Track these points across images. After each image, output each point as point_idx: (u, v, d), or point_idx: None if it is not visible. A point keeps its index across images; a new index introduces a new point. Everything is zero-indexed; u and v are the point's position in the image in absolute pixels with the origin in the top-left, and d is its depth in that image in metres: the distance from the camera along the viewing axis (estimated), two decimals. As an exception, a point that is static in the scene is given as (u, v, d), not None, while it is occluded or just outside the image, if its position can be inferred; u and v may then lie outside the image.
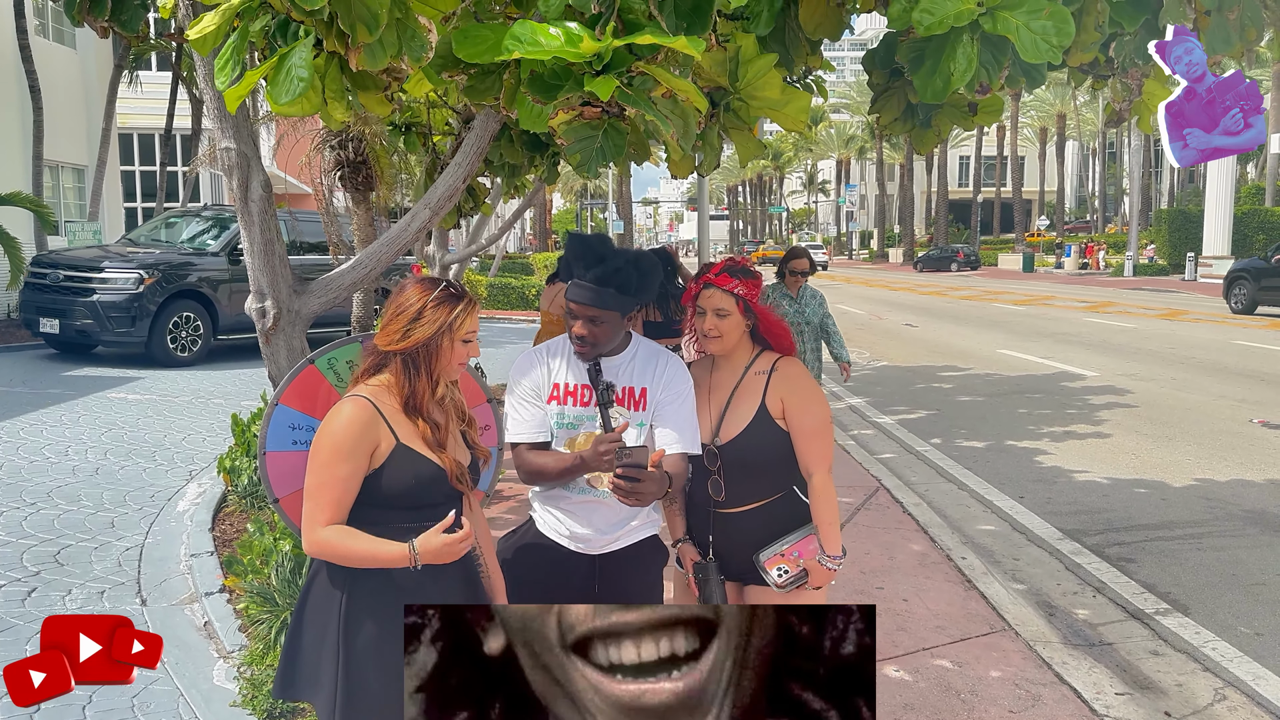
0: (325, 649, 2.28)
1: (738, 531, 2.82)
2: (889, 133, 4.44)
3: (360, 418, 2.24)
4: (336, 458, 2.22)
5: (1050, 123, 61.27)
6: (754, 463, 2.79)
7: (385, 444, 2.26)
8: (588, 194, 68.16)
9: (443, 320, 2.27)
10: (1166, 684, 4.26)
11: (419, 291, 2.30)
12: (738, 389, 2.83)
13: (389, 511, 2.27)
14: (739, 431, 2.79)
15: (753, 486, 2.81)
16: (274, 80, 2.60)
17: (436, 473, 2.29)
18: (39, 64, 16.08)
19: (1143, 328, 19.48)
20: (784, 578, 2.77)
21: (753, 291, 2.80)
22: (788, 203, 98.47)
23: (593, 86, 2.25)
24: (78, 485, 6.57)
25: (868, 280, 42.39)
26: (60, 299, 11.72)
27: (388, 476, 2.25)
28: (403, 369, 2.30)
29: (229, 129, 4.11)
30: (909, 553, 5.79)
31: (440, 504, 2.32)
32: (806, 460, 2.80)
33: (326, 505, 2.22)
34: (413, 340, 2.27)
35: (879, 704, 3.91)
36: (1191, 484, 7.49)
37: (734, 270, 2.81)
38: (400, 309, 2.30)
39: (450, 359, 2.32)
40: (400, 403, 2.29)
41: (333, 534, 2.21)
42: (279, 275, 4.17)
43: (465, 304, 2.32)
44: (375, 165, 5.98)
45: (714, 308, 2.78)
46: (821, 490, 2.78)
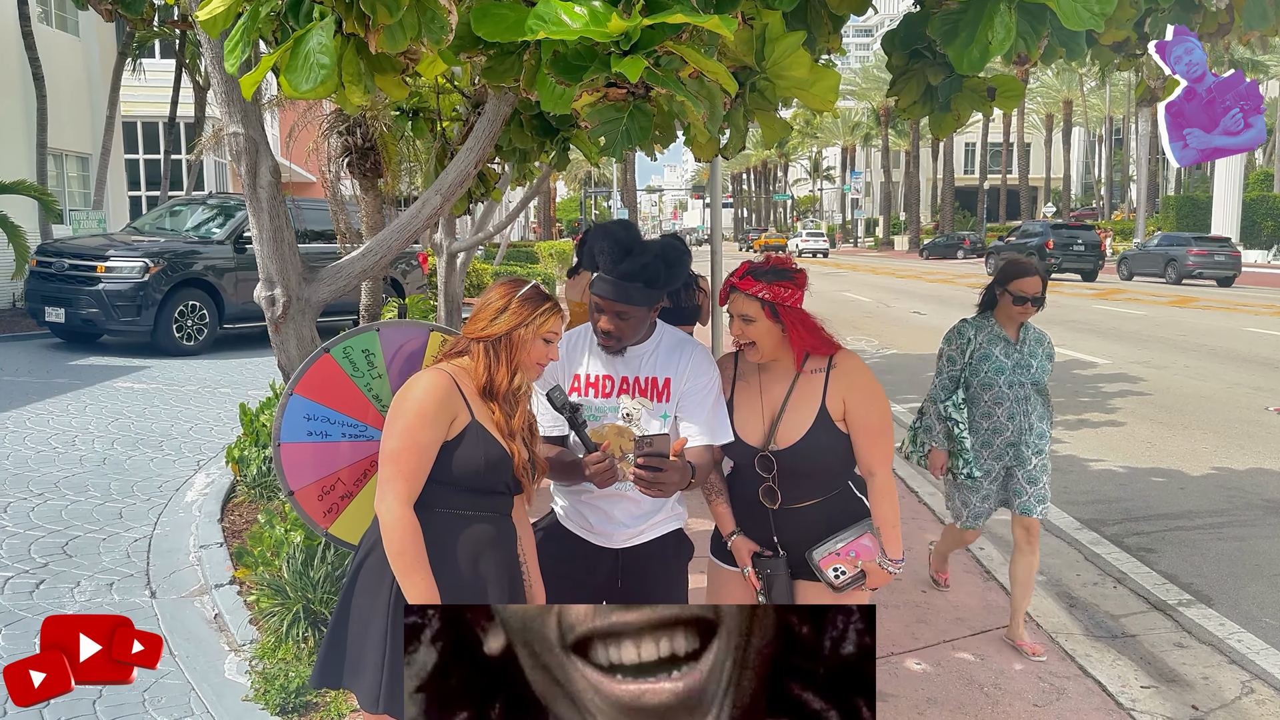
0: (371, 633, 2.26)
1: (792, 528, 2.69)
2: (906, 116, 4.34)
3: (442, 384, 2.27)
4: (422, 422, 2.22)
5: (1057, 109, 60.97)
6: (812, 468, 2.66)
7: (462, 418, 2.28)
8: (592, 182, 67.94)
9: (527, 314, 2.34)
10: (1192, 677, 4.19)
11: (507, 289, 2.38)
12: (794, 390, 2.65)
13: (452, 491, 2.26)
14: (798, 438, 2.62)
15: (809, 487, 2.68)
16: (291, 66, 2.52)
17: (504, 457, 2.30)
18: (42, 51, 15.99)
19: (1153, 314, 19.38)
20: (841, 579, 2.64)
21: (782, 294, 2.55)
22: (793, 190, 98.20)
23: (621, 67, 2.16)
24: (85, 475, 6.52)
25: (874, 268, 42.24)
26: (65, 288, 11.67)
27: (460, 452, 2.26)
28: (484, 354, 2.34)
29: (237, 113, 4.03)
30: (926, 544, 5.71)
31: (502, 493, 2.33)
32: (869, 459, 2.67)
33: (406, 473, 2.21)
34: (496, 329, 2.32)
35: (901, 698, 3.87)
36: (1210, 473, 7.41)
37: (758, 272, 2.57)
38: (486, 303, 2.38)
39: (530, 353, 2.34)
40: (479, 387, 2.32)
41: (406, 520, 2.18)
42: (289, 263, 4.09)
43: (551, 305, 2.37)
44: (383, 152, 5.90)
45: (739, 313, 2.60)
46: (884, 490, 2.66)
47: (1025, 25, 2.35)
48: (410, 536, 2.17)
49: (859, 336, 15.77)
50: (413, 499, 2.21)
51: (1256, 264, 35.84)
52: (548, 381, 2.60)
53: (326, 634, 2.37)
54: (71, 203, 18.25)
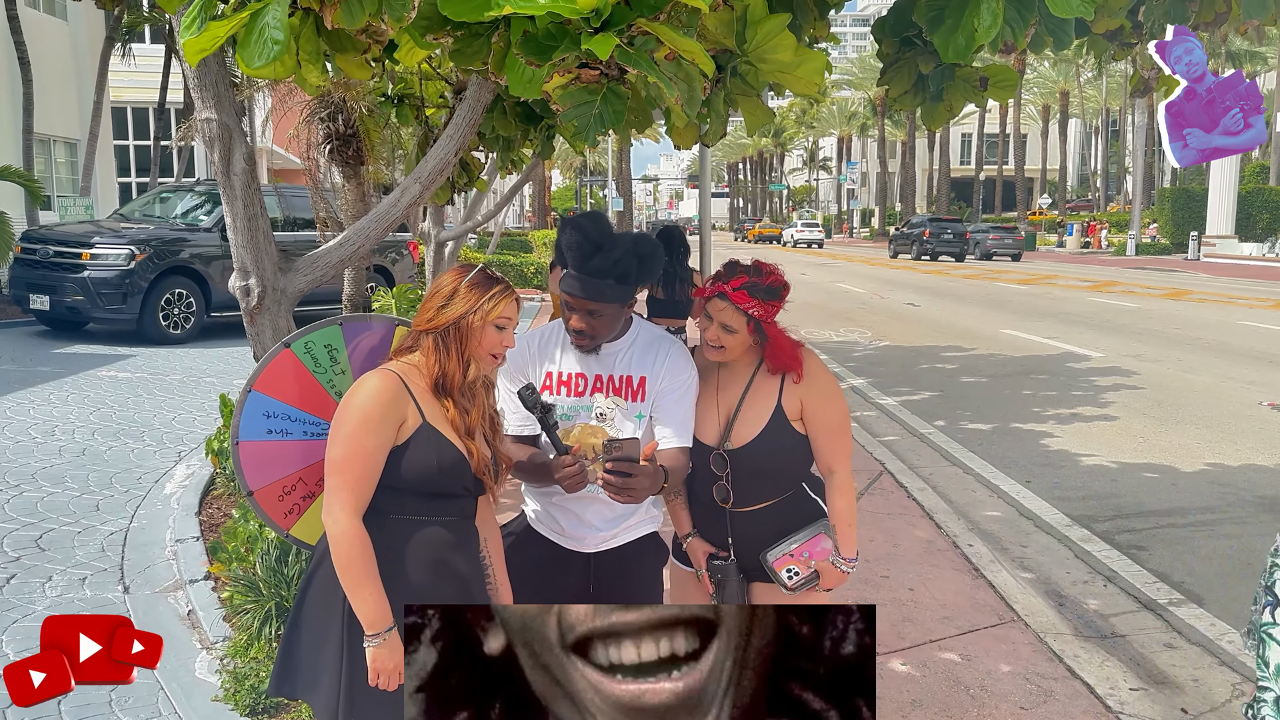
0: (327, 647, 2.16)
1: (748, 530, 2.63)
2: (898, 107, 4.25)
3: (388, 387, 2.16)
4: (364, 428, 2.11)
5: (1053, 100, 60.85)
6: (766, 468, 2.61)
7: (411, 420, 2.17)
8: (587, 171, 67.73)
9: (475, 300, 2.22)
10: (1182, 679, 4.11)
11: (455, 275, 2.26)
12: (750, 389, 2.61)
13: (406, 497, 2.16)
14: (753, 437, 2.57)
15: (763, 488, 2.63)
16: (245, 41, 2.41)
17: (460, 460, 2.19)
18: (28, 35, 15.81)
19: (1147, 307, 19.31)
20: (794, 579, 2.60)
21: (770, 312, 2.53)
22: (789, 180, 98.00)
23: (590, 45, 2.07)
24: (63, 467, 6.42)
25: (868, 259, 42.13)
26: (51, 275, 11.55)
27: (410, 456, 2.15)
28: (434, 348, 2.23)
29: (209, 99, 3.91)
30: (914, 540, 5.65)
31: (461, 496, 2.22)
32: (827, 458, 2.62)
33: (351, 482, 2.10)
34: (444, 318, 2.21)
35: (885, 700, 3.79)
36: (1202, 468, 7.34)
37: (755, 289, 2.51)
38: (434, 292, 2.27)
39: (481, 342, 2.23)
40: (429, 383, 2.21)
41: (354, 532, 2.07)
42: (263, 252, 4.00)
43: (501, 289, 2.25)
44: (365, 139, 5.78)
45: (722, 321, 2.53)
46: (842, 487, 2.61)
47: (1013, 12, 2.26)
48: (356, 550, 2.06)
49: (852, 328, 15.68)
50: (360, 510, 2.11)
51: (1252, 257, 35.80)
52: (518, 379, 2.50)
53: (282, 640, 2.27)
54: (60, 189, 18.09)
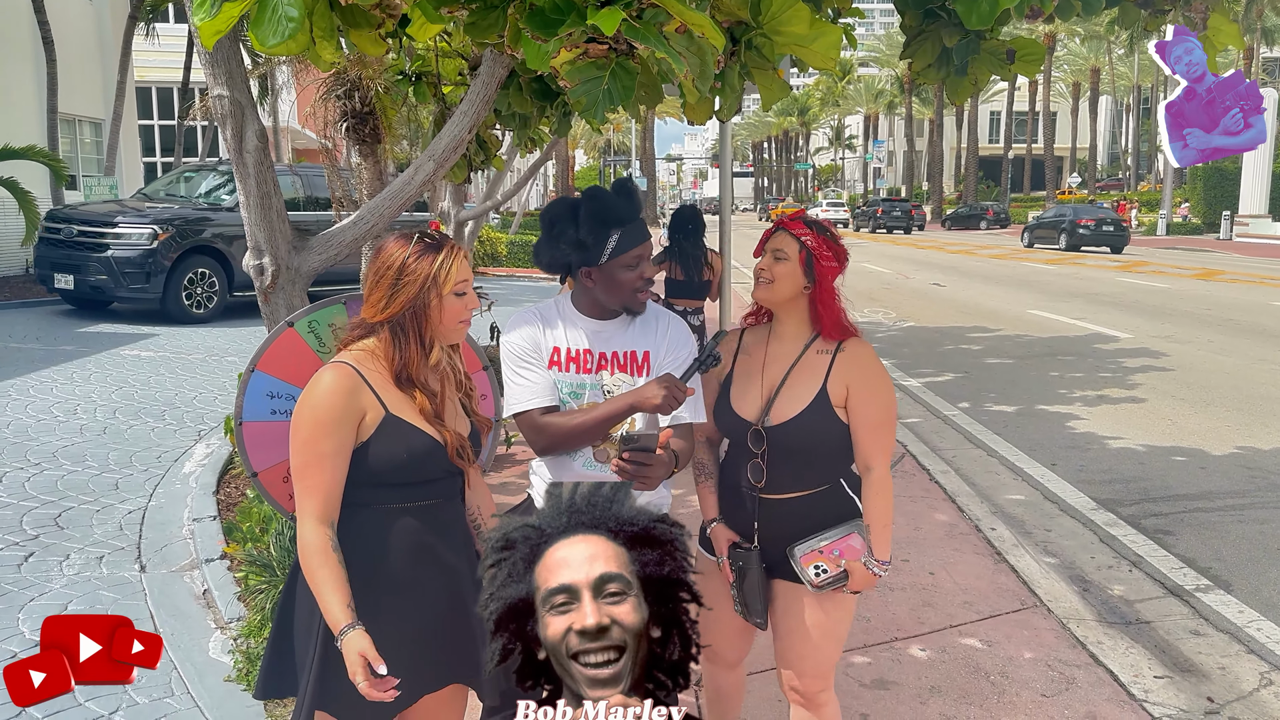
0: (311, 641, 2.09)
1: (777, 520, 2.54)
2: (921, 81, 4.14)
3: (342, 385, 2.02)
4: (319, 432, 1.99)
5: (1083, 77, 59.92)
6: (804, 451, 2.50)
7: (372, 414, 2.04)
8: (611, 150, 67.44)
9: (426, 273, 2.04)
10: (1209, 666, 4.03)
11: (395, 247, 2.07)
12: (796, 366, 2.51)
13: (380, 489, 2.05)
14: (792, 415, 2.47)
15: (798, 475, 2.53)
16: (259, 19, 2.36)
17: (432, 446, 2.07)
18: (52, 15, 15.83)
19: (1177, 288, 19.02)
20: (822, 578, 2.48)
21: (824, 251, 2.47)
22: (814, 159, 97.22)
23: (596, 20, 2.00)
24: (84, 445, 6.45)
25: (894, 239, 41.78)
26: (75, 254, 11.60)
27: (376, 451, 2.03)
28: (391, 337, 2.08)
29: (221, 75, 3.88)
30: (935, 523, 5.57)
31: (438, 479, 2.11)
32: (866, 453, 2.50)
33: (314, 489, 2.00)
34: (400, 304, 2.05)
35: (903, 685, 3.74)
36: (1232, 452, 7.21)
37: (811, 221, 2.52)
38: (380, 273, 2.07)
39: (442, 317, 2.08)
40: (390, 373, 2.08)
41: (318, 542, 1.98)
42: (277, 230, 3.97)
43: (449, 250, 2.08)
44: (381, 116, 5.73)
45: (774, 248, 2.49)
46: (880, 486, 2.49)
47: (1040, -24, 2.16)
48: (319, 559, 1.97)
49: (876, 308, 15.53)
50: (328, 516, 2.01)
51: (1286, 236, 35.13)
52: (530, 357, 2.44)
53: (269, 642, 2.21)
54: (85, 169, 18.17)
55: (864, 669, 3.83)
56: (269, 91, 20.59)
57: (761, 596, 2.54)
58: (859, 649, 3.98)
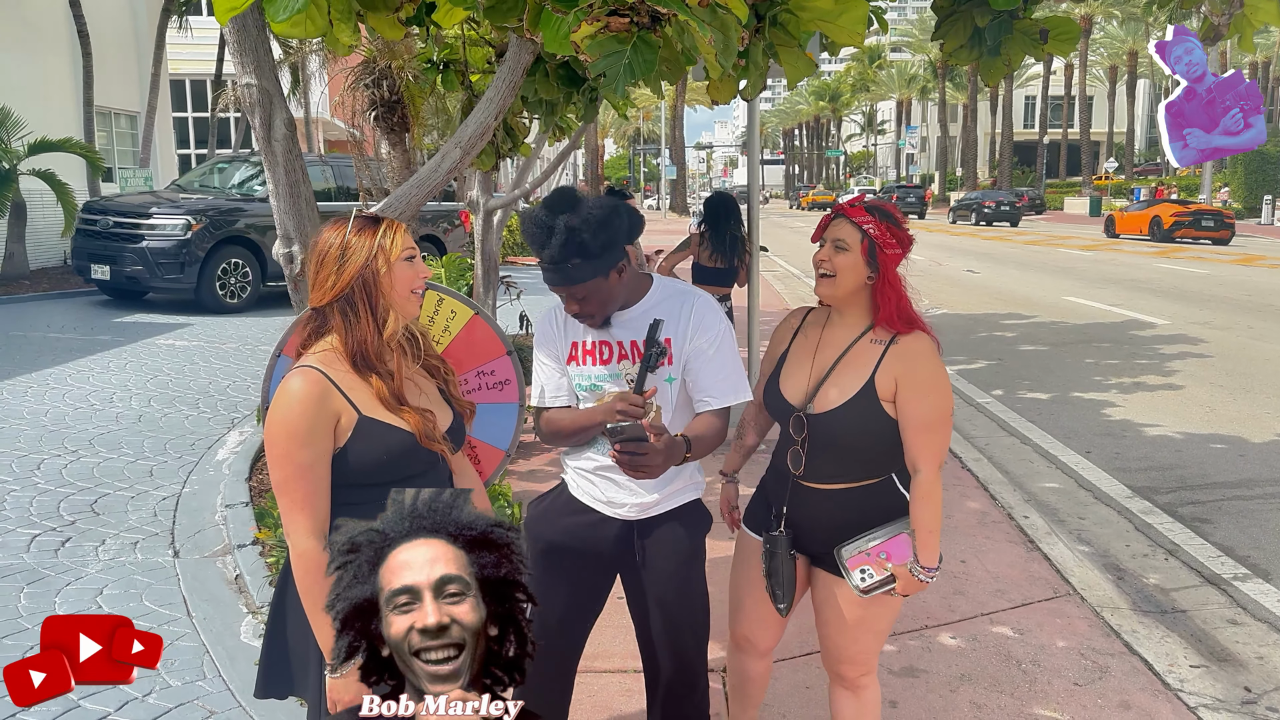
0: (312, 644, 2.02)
1: (816, 509, 2.47)
2: (954, 62, 4.09)
3: (311, 392, 1.96)
4: (294, 444, 1.94)
5: (1120, 61, 58.89)
6: (846, 443, 2.41)
7: (346, 418, 1.98)
8: (640, 139, 67.32)
9: (370, 244, 2.00)
10: (1246, 656, 3.96)
11: (332, 230, 2.04)
12: (847, 354, 2.40)
13: (365, 490, 1.97)
14: (834, 406, 2.38)
15: (840, 467, 2.44)
16: (271, -3, 2.37)
17: (409, 441, 2.02)
18: (87, 9, 16.02)
19: (1216, 274, 18.70)
20: (868, 582, 2.41)
21: (887, 238, 2.36)
22: (846, 146, 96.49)
23: (617, -12, 1.99)
24: (120, 433, 6.54)
25: (927, 225, 41.39)
26: (110, 245, 11.77)
27: (355, 455, 1.99)
28: (341, 318, 2.01)
29: (249, 64, 3.89)
30: (967, 511, 5.51)
31: (423, 473, 2.06)
32: (914, 454, 2.37)
33: (299, 501, 1.94)
34: (348, 276, 1.99)
35: (933, 674, 3.70)
36: (1271, 439, 7.07)
37: (873, 208, 2.40)
38: (321, 257, 2.02)
39: (393, 286, 2.01)
40: (349, 361, 2.01)
41: (309, 556, 1.93)
42: (305, 219, 3.98)
43: (387, 224, 2.04)
44: (410, 105, 5.74)
45: (834, 238, 2.38)
46: (925, 491, 2.36)
47: (1072, -51, 2.12)
48: (312, 575, 1.90)
49: (908, 295, 15.38)
50: (318, 528, 1.95)
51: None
52: (550, 352, 2.46)
53: (264, 644, 2.17)
54: (121, 161, 18.40)
55: (894, 657, 3.80)
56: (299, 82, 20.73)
57: (786, 583, 2.51)
58: (889, 637, 3.95)
